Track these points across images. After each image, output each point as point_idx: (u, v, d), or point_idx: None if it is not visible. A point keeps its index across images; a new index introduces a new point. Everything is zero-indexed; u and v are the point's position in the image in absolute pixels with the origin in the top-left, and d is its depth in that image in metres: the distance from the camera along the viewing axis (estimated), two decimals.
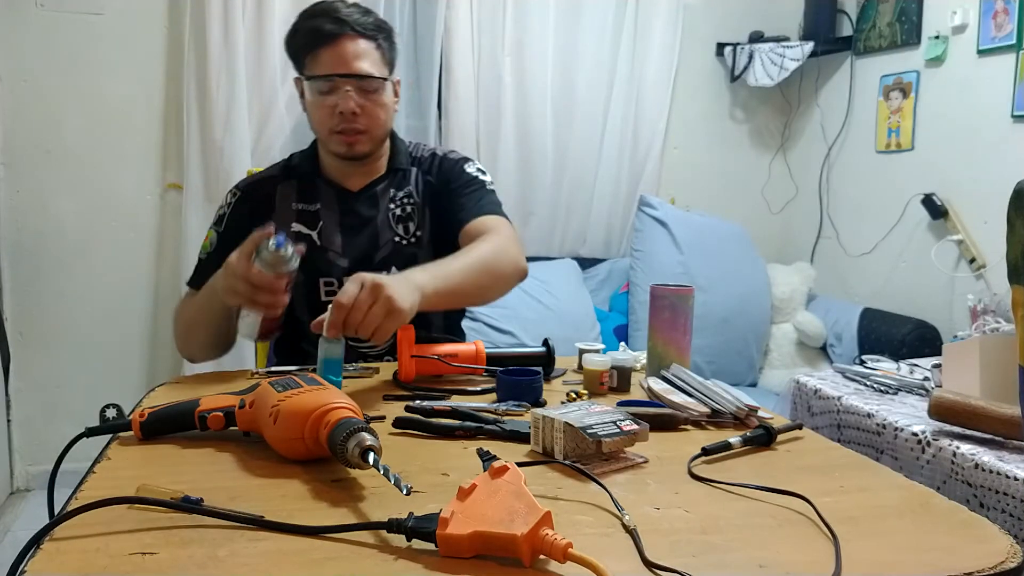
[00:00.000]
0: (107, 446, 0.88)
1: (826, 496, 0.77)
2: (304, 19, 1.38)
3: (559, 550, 0.60)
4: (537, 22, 2.81)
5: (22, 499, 2.55)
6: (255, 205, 1.43)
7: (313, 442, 0.79)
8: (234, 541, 0.65)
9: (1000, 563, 0.65)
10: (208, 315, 1.29)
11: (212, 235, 1.43)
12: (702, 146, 3.18)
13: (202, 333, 1.35)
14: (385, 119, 1.40)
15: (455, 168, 1.47)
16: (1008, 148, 2.33)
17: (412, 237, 1.44)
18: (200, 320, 1.33)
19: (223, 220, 1.43)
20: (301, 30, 1.38)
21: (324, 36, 1.34)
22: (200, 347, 1.39)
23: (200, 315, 1.32)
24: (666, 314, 1.18)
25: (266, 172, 1.50)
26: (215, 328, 1.32)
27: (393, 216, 1.44)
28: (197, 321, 1.34)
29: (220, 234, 1.41)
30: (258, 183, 1.47)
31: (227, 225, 1.42)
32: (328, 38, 1.34)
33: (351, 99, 1.34)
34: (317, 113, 1.38)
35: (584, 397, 1.12)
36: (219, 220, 1.44)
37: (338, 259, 1.41)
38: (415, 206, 1.46)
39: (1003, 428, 1.16)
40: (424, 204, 1.46)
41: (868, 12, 2.85)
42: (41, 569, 0.60)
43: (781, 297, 2.82)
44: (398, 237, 1.43)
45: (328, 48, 1.34)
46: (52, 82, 2.48)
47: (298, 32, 1.38)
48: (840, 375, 1.59)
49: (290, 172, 1.47)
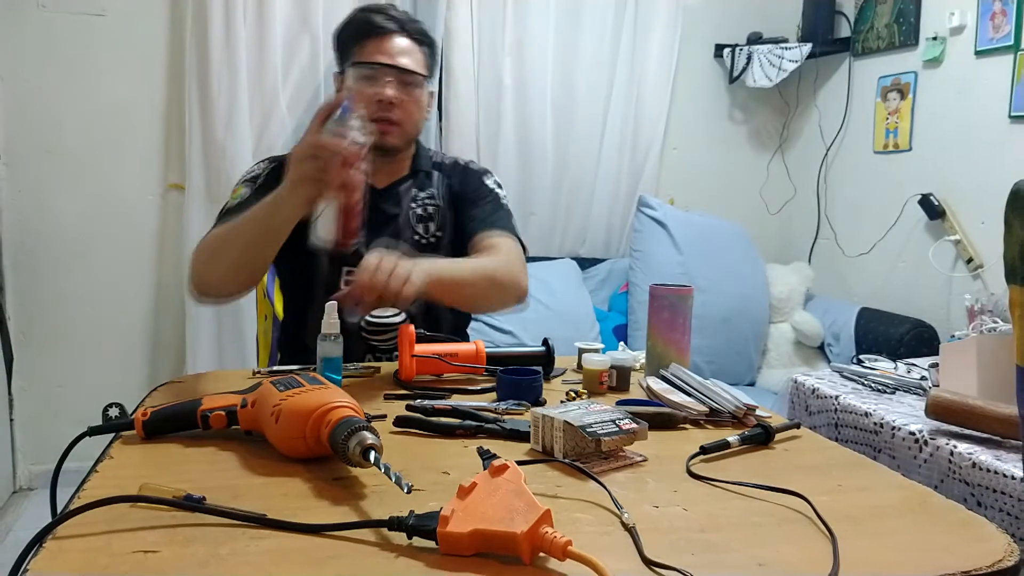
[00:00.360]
0: (109, 445, 0.89)
1: (824, 495, 0.77)
2: (357, 12, 1.46)
3: (559, 548, 0.61)
4: (537, 23, 2.81)
5: (25, 498, 2.55)
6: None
7: (315, 441, 0.80)
8: (236, 539, 0.65)
9: (997, 561, 0.66)
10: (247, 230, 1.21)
11: (243, 190, 1.41)
12: (701, 147, 3.19)
13: (235, 251, 1.24)
14: (418, 117, 1.45)
15: (475, 178, 1.53)
16: (1005, 149, 2.34)
17: (432, 237, 1.48)
18: (235, 236, 1.24)
19: (257, 179, 1.42)
20: (353, 21, 1.44)
21: (375, 29, 1.41)
22: (228, 268, 1.27)
23: (236, 231, 1.23)
24: (665, 314, 1.18)
25: None
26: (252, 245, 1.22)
27: (414, 215, 1.48)
28: (230, 239, 1.25)
29: (254, 190, 1.39)
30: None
31: (261, 185, 1.39)
32: (378, 31, 1.40)
33: (390, 87, 1.38)
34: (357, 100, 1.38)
35: (583, 396, 1.13)
36: (252, 179, 1.43)
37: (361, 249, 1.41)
38: (437, 208, 1.50)
39: (1000, 427, 1.17)
40: (446, 208, 1.50)
41: (866, 13, 2.86)
42: (44, 568, 0.60)
43: (779, 297, 2.82)
44: (417, 235, 1.47)
45: (376, 40, 1.40)
46: (53, 82, 2.49)
47: (350, 23, 1.45)
48: (838, 374, 1.60)
49: None
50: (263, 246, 1.23)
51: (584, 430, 0.83)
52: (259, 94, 2.55)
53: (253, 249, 1.24)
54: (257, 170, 1.46)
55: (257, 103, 2.56)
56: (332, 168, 1.05)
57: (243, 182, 1.44)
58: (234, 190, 1.44)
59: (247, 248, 1.24)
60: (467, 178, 1.53)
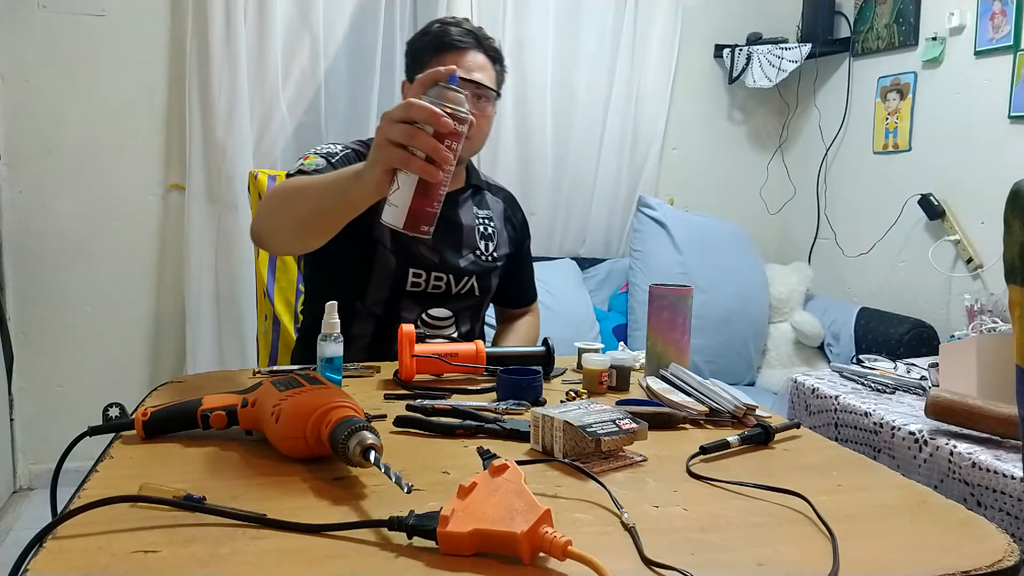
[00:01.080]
0: (110, 445, 0.89)
1: (824, 495, 0.77)
2: (435, 24, 1.45)
3: (559, 548, 0.61)
4: (537, 22, 2.81)
5: (25, 498, 2.55)
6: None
7: (315, 441, 0.80)
8: (236, 539, 0.65)
9: (997, 561, 0.66)
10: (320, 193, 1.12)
11: (317, 159, 1.35)
12: (701, 147, 3.19)
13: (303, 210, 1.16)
14: (486, 132, 1.47)
15: (525, 224, 1.66)
16: (1005, 149, 2.34)
17: (490, 256, 1.53)
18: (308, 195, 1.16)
19: (333, 157, 1.37)
20: (431, 33, 1.44)
21: (453, 42, 1.41)
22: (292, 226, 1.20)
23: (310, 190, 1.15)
24: (665, 314, 1.18)
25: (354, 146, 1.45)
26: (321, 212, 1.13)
27: (478, 231, 1.53)
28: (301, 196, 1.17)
29: (330, 164, 1.34)
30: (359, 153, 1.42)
31: (337, 164, 1.35)
32: (457, 45, 1.41)
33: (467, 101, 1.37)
34: None
35: (583, 396, 1.13)
36: (328, 155, 1.38)
37: (430, 253, 1.44)
38: (496, 231, 1.56)
39: (1000, 427, 1.17)
40: (508, 237, 1.59)
41: (866, 14, 2.86)
42: (44, 568, 0.60)
43: (779, 297, 2.82)
44: (479, 251, 1.52)
45: (454, 54, 1.41)
46: (54, 83, 2.49)
47: (428, 34, 1.45)
48: (838, 374, 1.60)
49: None
50: (332, 215, 1.13)
51: (584, 430, 0.83)
52: (260, 94, 2.55)
53: (321, 216, 1.14)
54: (334, 149, 1.41)
55: (258, 103, 2.56)
56: (422, 136, 0.90)
57: (318, 154, 1.38)
58: (306, 157, 1.38)
59: (316, 213, 1.14)
60: (522, 221, 1.65)
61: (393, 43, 2.68)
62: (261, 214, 1.26)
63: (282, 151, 2.60)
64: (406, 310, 1.44)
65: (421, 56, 1.44)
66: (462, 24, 1.45)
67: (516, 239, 1.62)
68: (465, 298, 1.50)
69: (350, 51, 2.68)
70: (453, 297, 1.48)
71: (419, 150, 0.90)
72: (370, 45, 2.66)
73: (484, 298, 1.55)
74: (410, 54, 1.48)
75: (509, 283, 1.62)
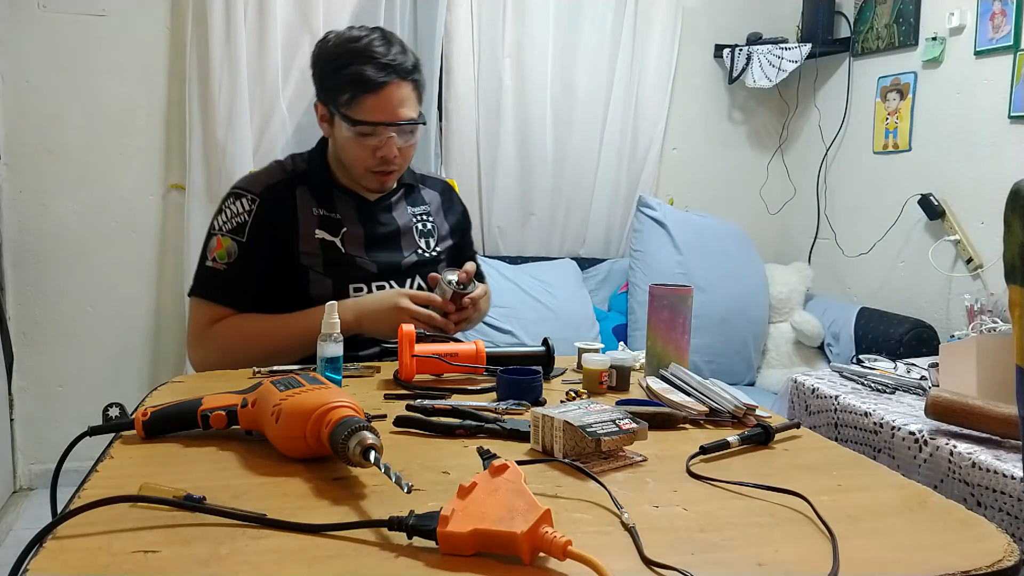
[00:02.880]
0: (110, 445, 0.89)
1: (824, 495, 0.77)
2: (347, 57, 1.33)
3: (559, 548, 0.61)
4: (537, 23, 2.81)
5: (25, 498, 2.55)
6: (277, 211, 1.39)
7: (315, 441, 0.80)
8: (236, 539, 0.65)
9: (997, 561, 0.66)
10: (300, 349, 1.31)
11: (230, 244, 1.35)
12: (701, 147, 3.19)
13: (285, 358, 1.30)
14: (412, 154, 1.46)
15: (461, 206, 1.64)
16: (1005, 149, 2.34)
17: (432, 252, 1.52)
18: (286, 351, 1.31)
19: (244, 229, 1.36)
20: (344, 72, 1.33)
21: (369, 84, 1.32)
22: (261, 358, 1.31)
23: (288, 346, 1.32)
24: (665, 314, 1.18)
25: (273, 175, 1.44)
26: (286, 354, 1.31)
27: (416, 230, 1.51)
28: (288, 351, 1.32)
29: (242, 244, 1.36)
30: (273, 188, 1.41)
31: (251, 234, 1.36)
32: (375, 85, 1.32)
33: (393, 146, 1.37)
34: (354, 151, 1.38)
35: (583, 396, 1.13)
36: (238, 229, 1.36)
37: (367, 265, 1.43)
38: (434, 225, 1.55)
39: (1000, 427, 1.17)
40: (440, 224, 1.56)
41: (866, 14, 2.86)
42: (44, 567, 0.60)
43: (779, 297, 2.82)
44: (420, 250, 1.50)
45: (373, 95, 1.33)
46: (54, 83, 2.49)
47: (340, 70, 1.33)
48: (838, 374, 1.60)
49: (303, 178, 1.45)
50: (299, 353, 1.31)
51: (584, 430, 0.83)
52: (259, 94, 2.55)
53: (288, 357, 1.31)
54: (242, 215, 1.37)
55: (257, 103, 2.56)
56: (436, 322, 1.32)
57: (226, 233, 1.36)
58: (217, 242, 1.35)
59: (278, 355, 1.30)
60: (454, 204, 1.62)
61: None
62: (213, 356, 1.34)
63: (282, 151, 2.60)
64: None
65: (332, 89, 1.35)
66: (377, 56, 1.32)
67: (456, 229, 1.59)
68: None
69: None
70: None
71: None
72: None
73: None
74: (318, 76, 1.39)
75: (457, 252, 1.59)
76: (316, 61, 1.41)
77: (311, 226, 1.41)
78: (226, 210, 1.39)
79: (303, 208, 1.42)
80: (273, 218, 1.39)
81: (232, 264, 1.35)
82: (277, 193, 1.41)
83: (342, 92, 1.35)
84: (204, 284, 1.37)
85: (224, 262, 1.35)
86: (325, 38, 1.40)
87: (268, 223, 1.38)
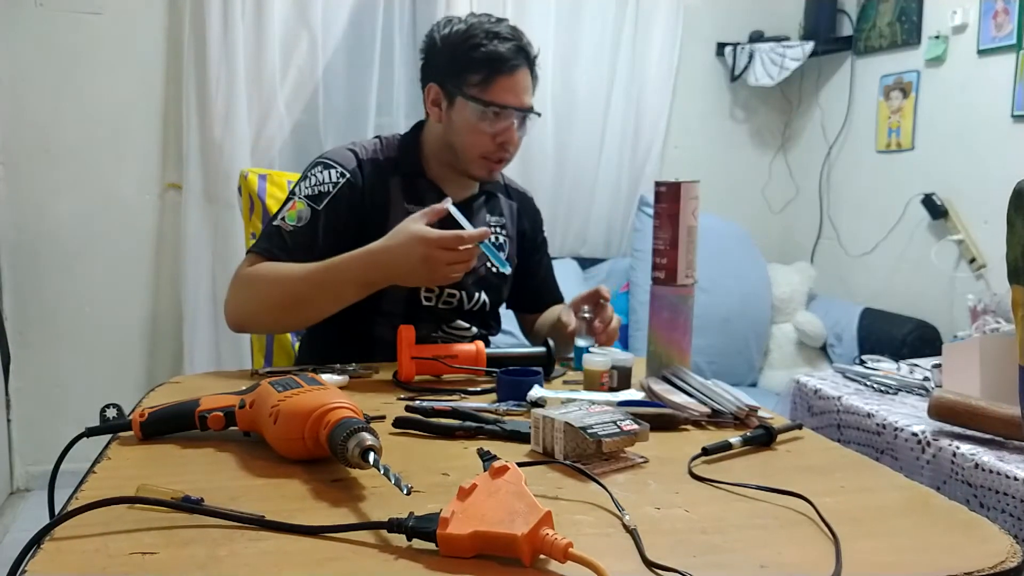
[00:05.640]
0: (107, 446, 0.88)
1: (826, 496, 0.77)
2: (487, 37, 1.32)
3: (559, 550, 0.60)
4: (537, 22, 2.81)
5: (22, 499, 2.55)
6: (365, 194, 1.34)
7: (313, 442, 0.79)
8: (234, 541, 0.65)
9: (1000, 563, 0.65)
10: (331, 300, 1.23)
11: (303, 208, 1.30)
12: (702, 146, 3.18)
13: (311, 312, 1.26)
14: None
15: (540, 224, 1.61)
16: (1008, 148, 2.33)
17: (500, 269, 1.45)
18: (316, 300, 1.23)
19: (323, 199, 1.31)
20: (479, 44, 1.32)
21: (506, 64, 1.32)
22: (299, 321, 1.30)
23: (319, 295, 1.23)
24: (666, 314, 1.18)
25: (368, 155, 1.39)
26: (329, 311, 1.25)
27: (489, 242, 1.41)
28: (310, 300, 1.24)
29: (316, 212, 1.30)
30: (366, 169, 1.36)
31: (328, 206, 1.31)
32: (510, 67, 1.32)
33: (515, 133, 1.35)
34: (473, 136, 1.33)
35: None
36: (317, 197, 1.31)
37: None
38: (508, 239, 1.50)
39: (1003, 428, 1.16)
40: (517, 245, 1.53)
41: (868, 12, 2.85)
42: (41, 569, 0.60)
43: (781, 297, 2.82)
44: (490, 263, 1.43)
45: (507, 77, 1.32)
46: (51, 81, 2.48)
47: (474, 43, 1.32)
48: (840, 375, 1.59)
49: (396, 166, 1.40)
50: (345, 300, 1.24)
51: (585, 431, 0.83)
52: (257, 93, 2.55)
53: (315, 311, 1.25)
54: (325, 184, 1.33)
55: (255, 102, 2.55)
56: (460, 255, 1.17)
57: (305, 198, 1.32)
58: (292, 204, 1.32)
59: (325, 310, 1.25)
60: (537, 224, 1.59)
61: (391, 42, 2.68)
62: (240, 306, 1.27)
63: (279, 150, 2.60)
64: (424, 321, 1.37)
65: (463, 69, 1.32)
66: (510, 37, 1.33)
67: (528, 244, 1.56)
68: (478, 315, 1.45)
69: (348, 50, 2.68)
70: (466, 313, 1.43)
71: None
72: (368, 44, 2.66)
73: (495, 313, 1.51)
74: (445, 57, 1.35)
75: (523, 289, 1.57)
76: (445, 41, 1.36)
77: (399, 217, 1.29)
78: (311, 176, 1.35)
79: (395, 201, 1.37)
80: (358, 200, 1.33)
81: (299, 228, 1.30)
82: (369, 176, 1.36)
83: (475, 72, 1.31)
84: (265, 239, 1.31)
85: (292, 224, 1.30)
86: (451, 20, 1.38)
87: (350, 203, 1.33)
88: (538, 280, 1.60)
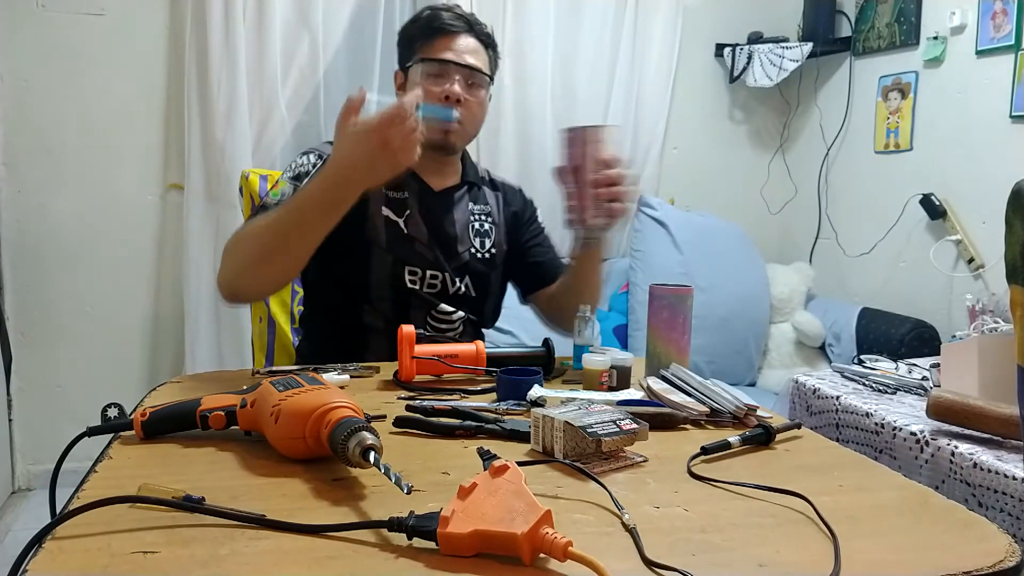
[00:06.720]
0: (108, 445, 0.88)
1: (825, 495, 0.77)
2: (426, 10, 1.46)
3: (559, 549, 0.60)
4: (537, 22, 2.81)
5: (23, 499, 2.55)
6: None
7: (314, 441, 0.79)
8: (235, 540, 0.65)
9: (999, 562, 0.66)
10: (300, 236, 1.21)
11: (286, 186, 1.35)
12: (701, 146, 3.19)
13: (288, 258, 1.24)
14: (480, 118, 1.47)
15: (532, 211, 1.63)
16: (1006, 148, 2.34)
17: (487, 253, 1.50)
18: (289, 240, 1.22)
19: (303, 178, 1.35)
20: (421, 18, 1.45)
21: (444, 27, 1.42)
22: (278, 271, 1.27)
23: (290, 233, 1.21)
24: (665, 314, 1.18)
25: None
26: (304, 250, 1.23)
27: (472, 228, 1.50)
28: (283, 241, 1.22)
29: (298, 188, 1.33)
30: None
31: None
32: (447, 29, 1.42)
33: (458, 85, 1.39)
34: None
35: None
36: (298, 176, 1.36)
37: (424, 250, 1.43)
38: (494, 226, 1.53)
39: (1001, 428, 1.17)
40: (504, 228, 1.55)
41: (867, 13, 2.86)
42: (43, 568, 0.60)
43: (780, 297, 2.82)
44: (474, 248, 1.48)
45: (445, 37, 1.41)
46: (53, 82, 2.49)
47: (419, 20, 1.45)
48: (839, 375, 1.60)
49: None
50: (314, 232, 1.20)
51: (585, 430, 0.83)
52: (258, 93, 2.55)
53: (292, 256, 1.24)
54: (305, 166, 1.39)
55: (256, 102, 2.55)
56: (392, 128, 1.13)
57: (288, 178, 1.38)
58: (275, 184, 1.40)
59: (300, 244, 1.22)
60: (526, 209, 1.61)
61: (392, 42, 2.68)
62: (234, 269, 1.28)
63: (281, 150, 2.60)
64: (414, 307, 1.42)
65: (411, 42, 1.44)
66: (453, 9, 1.45)
67: (522, 224, 1.58)
68: (463, 300, 1.47)
69: (349, 50, 2.68)
70: (451, 298, 1.46)
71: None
72: (369, 44, 2.66)
73: (483, 302, 1.51)
74: (401, 41, 1.49)
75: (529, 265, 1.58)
76: (401, 29, 1.50)
77: (379, 204, 1.41)
78: (293, 162, 1.42)
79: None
80: None
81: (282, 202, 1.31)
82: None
83: (419, 40, 1.43)
84: (251, 217, 1.38)
85: (275, 200, 1.33)
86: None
87: None
88: (543, 251, 1.62)
